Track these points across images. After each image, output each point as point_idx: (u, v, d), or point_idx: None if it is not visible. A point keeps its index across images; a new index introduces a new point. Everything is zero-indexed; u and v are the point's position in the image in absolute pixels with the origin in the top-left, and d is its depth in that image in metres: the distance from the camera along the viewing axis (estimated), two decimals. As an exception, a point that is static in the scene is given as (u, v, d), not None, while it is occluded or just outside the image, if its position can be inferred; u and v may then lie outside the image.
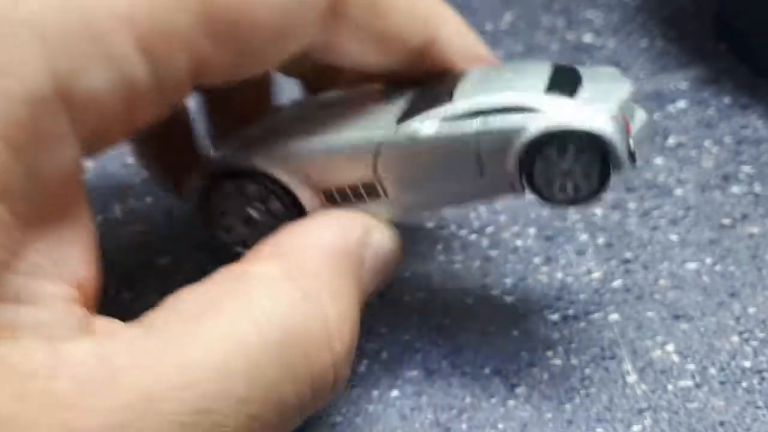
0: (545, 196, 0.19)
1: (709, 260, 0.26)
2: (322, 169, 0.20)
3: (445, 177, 0.19)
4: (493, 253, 0.27)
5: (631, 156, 0.19)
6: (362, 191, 0.20)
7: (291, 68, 0.22)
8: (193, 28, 0.16)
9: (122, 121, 0.16)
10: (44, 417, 0.14)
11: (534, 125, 0.18)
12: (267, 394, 0.16)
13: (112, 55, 0.15)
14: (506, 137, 0.18)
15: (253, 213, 0.20)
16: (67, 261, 0.15)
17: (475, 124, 0.19)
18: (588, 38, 0.38)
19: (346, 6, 0.18)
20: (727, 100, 0.33)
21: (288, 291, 0.17)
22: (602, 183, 0.19)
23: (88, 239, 0.16)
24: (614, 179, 0.19)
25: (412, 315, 0.24)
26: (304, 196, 0.20)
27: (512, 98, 0.19)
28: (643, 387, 0.22)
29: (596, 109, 0.18)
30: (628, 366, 0.23)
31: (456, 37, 0.21)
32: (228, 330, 0.16)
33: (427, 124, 0.19)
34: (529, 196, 0.20)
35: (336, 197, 0.20)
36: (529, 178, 0.19)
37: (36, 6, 0.14)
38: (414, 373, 0.23)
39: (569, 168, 0.18)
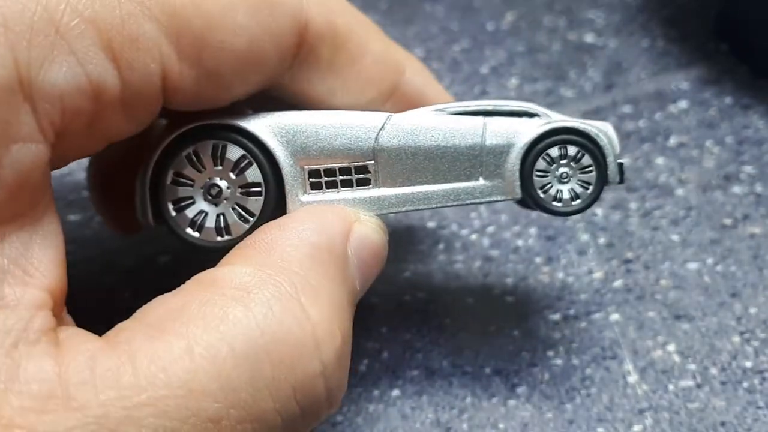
0: (540, 201, 0.19)
1: (710, 260, 0.26)
2: (321, 139, 0.18)
3: (444, 169, 0.19)
4: (494, 252, 0.26)
5: (620, 167, 0.19)
6: (353, 174, 0.19)
7: (258, 104, 0.22)
8: (160, 39, 0.16)
9: (89, 125, 0.15)
10: None
11: (540, 124, 0.19)
12: (242, 412, 0.14)
13: (76, 53, 0.15)
14: (512, 133, 0.19)
15: (223, 184, 0.18)
16: (37, 265, 0.15)
17: (482, 119, 0.19)
18: (589, 38, 0.38)
19: (317, 46, 0.18)
20: (728, 100, 0.33)
21: (262, 296, 0.15)
22: (598, 191, 0.19)
23: (57, 243, 0.16)
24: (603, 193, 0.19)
25: (412, 315, 0.24)
26: (289, 172, 0.18)
27: (519, 103, 0.20)
28: (644, 387, 0.22)
29: (595, 121, 0.19)
30: (629, 366, 0.22)
31: (420, 81, 0.21)
32: (194, 343, 0.14)
33: (436, 113, 0.19)
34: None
35: (322, 181, 0.18)
36: (525, 183, 0.19)
37: None
38: (415, 372, 0.23)
39: (568, 172, 0.19)
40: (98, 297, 0.24)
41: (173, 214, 0.18)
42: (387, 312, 0.24)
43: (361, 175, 0.19)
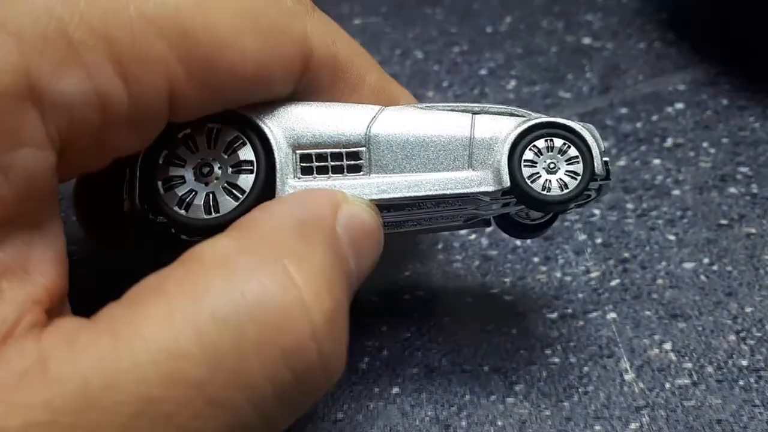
0: (529, 191, 0.19)
1: (706, 260, 0.26)
2: (315, 125, 0.19)
3: (433, 158, 0.19)
4: (493, 252, 0.27)
5: (605, 164, 0.19)
6: (344, 160, 0.19)
7: None
8: (169, 58, 0.16)
9: (96, 137, 0.16)
10: None
11: (525, 120, 0.19)
12: (228, 377, 0.14)
13: (86, 67, 0.15)
14: (499, 128, 0.19)
15: (215, 165, 0.18)
16: (36, 265, 0.15)
17: (470, 115, 0.19)
18: (587, 41, 0.38)
19: (319, 73, 0.19)
20: (724, 101, 0.33)
21: (244, 263, 0.15)
22: (587, 181, 0.19)
23: (58, 245, 0.16)
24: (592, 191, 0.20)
25: (412, 313, 0.25)
26: (281, 155, 0.18)
27: (504, 107, 0.20)
28: (641, 385, 0.22)
29: (577, 121, 0.20)
30: (625, 364, 0.23)
31: None
32: (175, 311, 0.14)
33: (424, 105, 0.20)
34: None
35: (314, 166, 0.18)
36: (514, 172, 0.19)
37: (13, 11, 0.15)
38: (414, 370, 0.23)
39: (555, 162, 0.19)
40: (101, 298, 0.24)
41: (162, 191, 0.18)
42: (387, 311, 0.25)
43: (353, 162, 0.19)
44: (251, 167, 0.18)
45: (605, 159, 0.19)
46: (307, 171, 0.19)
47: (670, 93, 0.34)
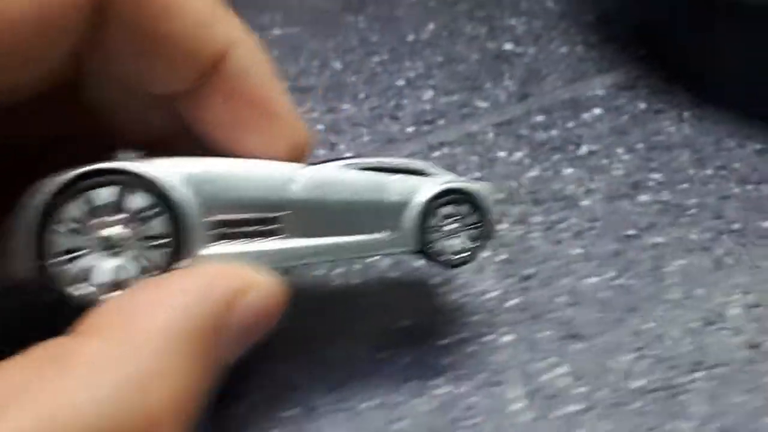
0: (432, 255, 0.20)
1: (610, 273, 0.25)
2: (231, 189, 0.17)
3: (349, 222, 0.19)
4: (394, 274, 0.26)
5: (493, 227, 0.21)
6: (261, 225, 0.18)
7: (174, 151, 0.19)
8: None
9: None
10: None
11: (436, 183, 0.20)
12: None
13: None
14: (411, 191, 0.20)
15: (123, 235, 0.16)
16: None
17: (385, 176, 0.20)
18: (508, 46, 0.37)
19: (114, 5, 0.16)
20: (642, 105, 0.33)
21: (110, 378, 0.14)
22: (483, 245, 0.21)
23: None
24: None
25: (296, 353, 0.23)
26: (195, 222, 0.17)
27: (415, 162, 0.21)
28: (531, 414, 0.21)
29: (479, 182, 0.21)
30: (517, 392, 0.22)
31: (251, 60, 0.18)
32: (35, 425, 0.14)
33: (345, 168, 0.19)
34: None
35: (231, 231, 0.18)
36: (423, 236, 0.20)
37: None
38: (295, 411, 0.22)
39: (457, 228, 0.20)
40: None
41: (61, 266, 0.16)
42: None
43: (270, 227, 0.18)
44: (164, 240, 0.17)
45: (494, 218, 0.21)
46: (223, 237, 0.18)
47: (589, 98, 0.33)
